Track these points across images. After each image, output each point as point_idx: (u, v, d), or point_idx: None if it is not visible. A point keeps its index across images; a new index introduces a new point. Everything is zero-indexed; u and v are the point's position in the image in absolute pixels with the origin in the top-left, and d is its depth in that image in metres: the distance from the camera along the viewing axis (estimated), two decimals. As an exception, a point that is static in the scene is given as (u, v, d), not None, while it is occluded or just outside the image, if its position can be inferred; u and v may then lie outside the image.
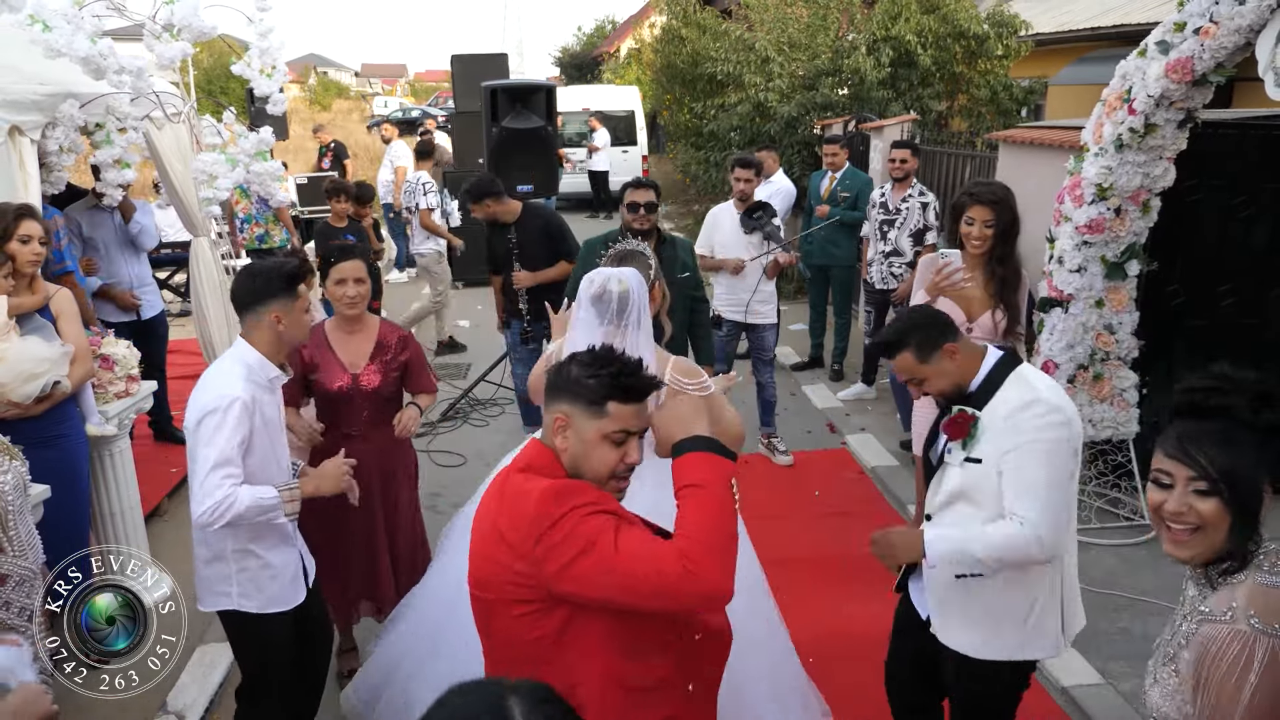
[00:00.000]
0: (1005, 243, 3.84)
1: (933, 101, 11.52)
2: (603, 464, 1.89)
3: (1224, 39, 3.77)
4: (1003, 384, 2.43)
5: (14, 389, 3.34)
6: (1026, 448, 2.32)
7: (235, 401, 2.65)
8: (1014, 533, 2.30)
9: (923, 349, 2.47)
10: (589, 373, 1.88)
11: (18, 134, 4.10)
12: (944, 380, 2.49)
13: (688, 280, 4.71)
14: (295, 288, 2.78)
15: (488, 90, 6.18)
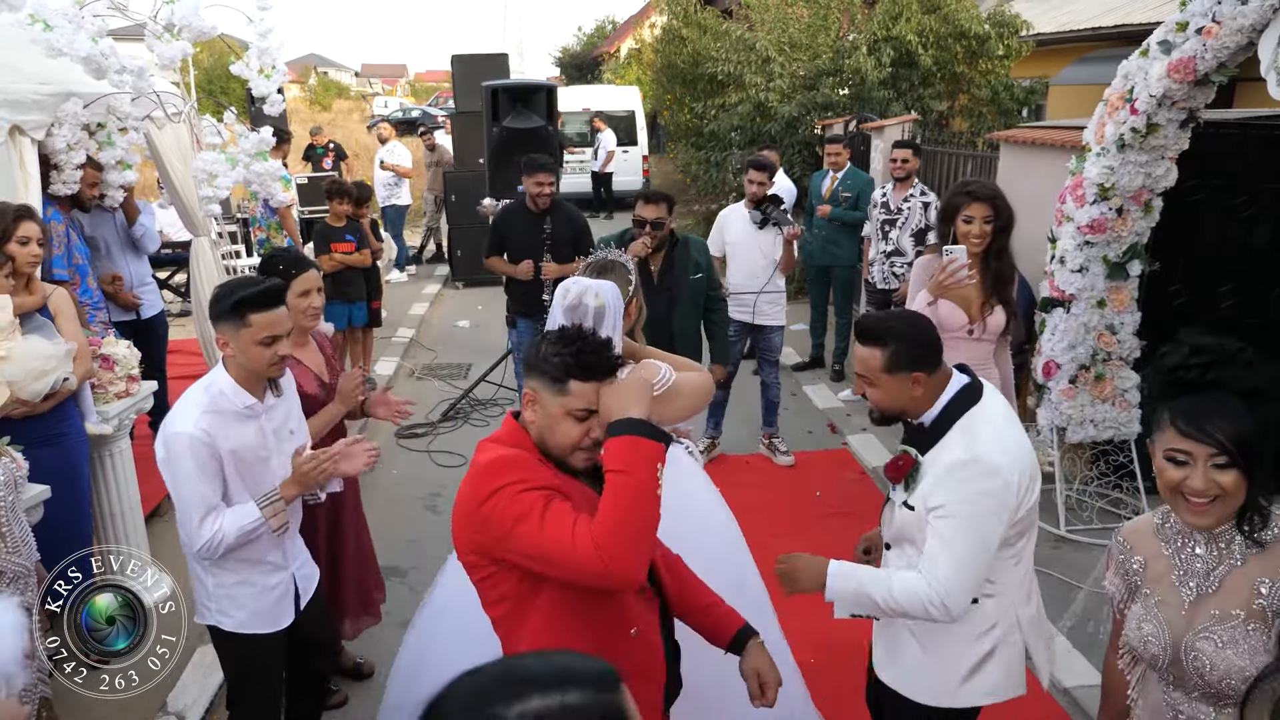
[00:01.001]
0: (1002, 239, 3.80)
1: (934, 101, 11.52)
2: (566, 438, 1.98)
3: (1226, 39, 3.77)
4: (951, 429, 2.27)
5: (24, 386, 3.35)
6: (952, 509, 2.19)
7: (182, 438, 2.54)
8: (919, 590, 2.19)
9: (894, 361, 2.27)
10: (554, 350, 1.96)
11: (18, 134, 4.10)
12: (889, 400, 2.32)
13: (701, 281, 4.68)
14: (241, 314, 2.55)
15: (488, 90, 6.18)
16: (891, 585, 2.24)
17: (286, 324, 2.65)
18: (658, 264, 4.57)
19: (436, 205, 12.36)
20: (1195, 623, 1.78)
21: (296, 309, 3.13)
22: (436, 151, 12.27)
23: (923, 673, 2.39)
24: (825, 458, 6.11)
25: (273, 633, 2.79)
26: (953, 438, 2.26)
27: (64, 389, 3.49)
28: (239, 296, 2.56)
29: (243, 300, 2.55)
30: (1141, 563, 1.91)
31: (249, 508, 2.60)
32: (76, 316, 3.80)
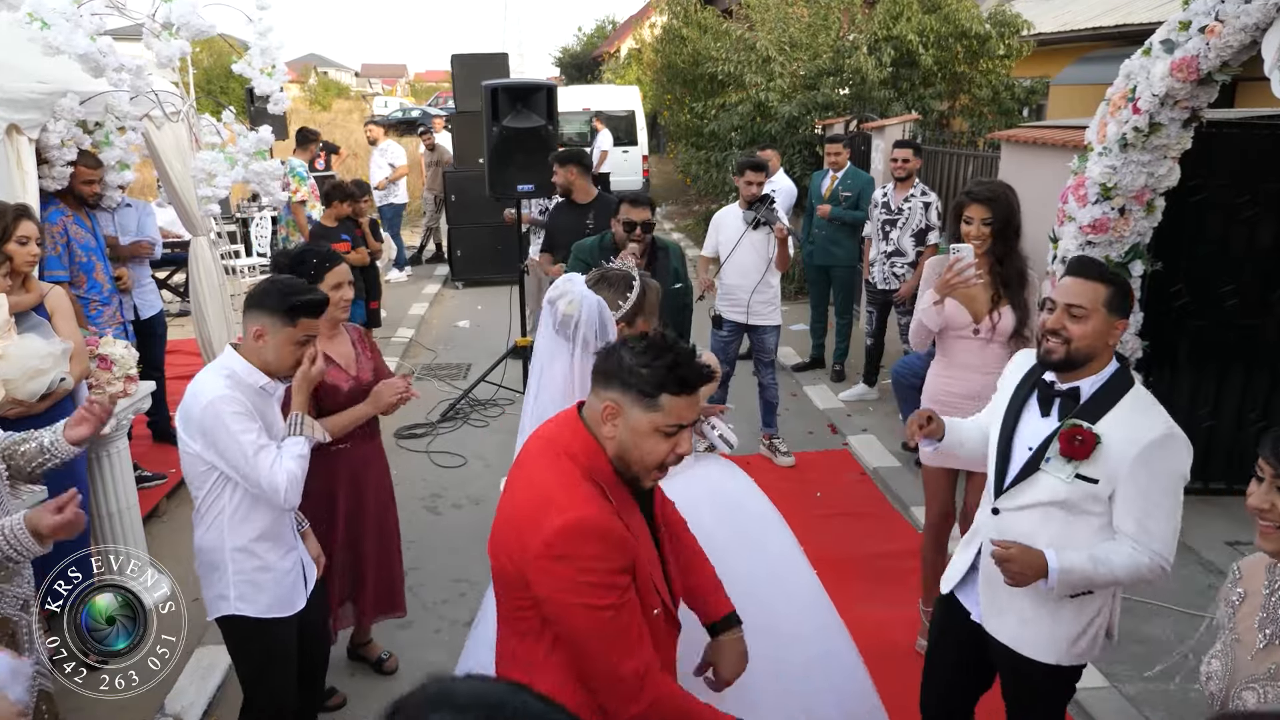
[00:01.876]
0: (1004, 240, 3.72)
1: (934, 101, 11.52)
2: (652, 456, 1.88)
3: (1230, 38, 3.75)
4: (1120, 400, 2.36)
5: (19, 386, 3.34)
6: (1161, 484, 2.32)
7: (213, 404, 2.61)
8: (1142, 562, 2.30)
9: (1115, 302, 2.36)
10: (643, 361, 1.85)
11: (15, 132, 4.09)
12: (1090, 338, 2.36)
13: (681, 290, 4.58)
14: (293, 318, 2.68)
15: (488, 90, 6.16)
16: (1112, 563, 2.31)
17: (319, 327, 2.82)
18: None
19: (436, 205, 12.35)
20: (1255, 670, 1.73)
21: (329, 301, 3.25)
22: (436, 151, 12.26)
23: (1043, 629, 2.51)
24: (826, 458, 6.10)
25: (289, 617, 2.86)
26: (1134, 414, 2.35)
27: (60, 389, 3.48)
28: (296, 301, 2.69)
29: (298, 306, 2.69)
30: (1241, 596, 1.88)
31: (290, 440, 2.73)
32: (74, 315, 3.79)
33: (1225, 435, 5.17)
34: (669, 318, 4.51)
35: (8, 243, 3.60)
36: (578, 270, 4.15)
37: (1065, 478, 2.38)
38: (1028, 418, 2.54)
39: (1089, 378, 2.41)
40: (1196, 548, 4.68)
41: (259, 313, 2.69)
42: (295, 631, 2.90)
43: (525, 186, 6.35)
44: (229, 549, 2.74)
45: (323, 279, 3.26)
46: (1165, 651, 3.88)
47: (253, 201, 10.49)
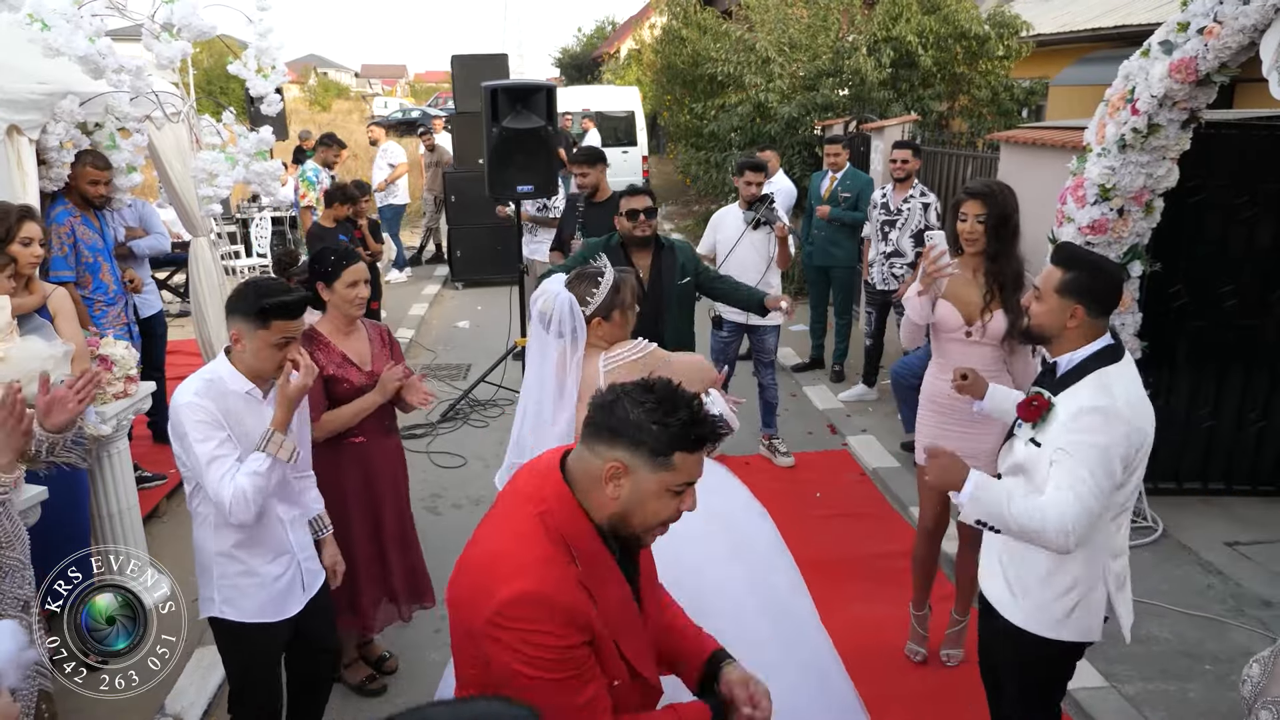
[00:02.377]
0: (999, 239, 3.60)
1: (934, 102, 11.53)
2: (657, 516, 1.77)
3: (1228, 39, 3.76)
4: (1085, 378, 2.48)
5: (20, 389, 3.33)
6: (1077, 447, 2.38)
7: (179, 409, 2.60)
8: (1048, 515, 2.36)
9: (1067, 286, 2.49)
10: (654, 418, 1.71)
11: (16, 133, 4.09)
12: (1044, 318, 2.54)
13: (689, 285, 4.61)
14: (265, 320, 2.61)
15: (488, 90, 6.17)
16: (1025, 504, 2.38)
17: (301, 328, 2.72)
18: (646, 272, 4.46)
19: (436, 206, 12.36)
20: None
21: (345, 299, 3.34)
22: (436, 152, 12.27)
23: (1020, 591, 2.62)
24: (825, 458, 6.11)
25: (278, 622, 2.80)
26: (1085, 386, 2.46)
27: None
28: (267, 304, 2.61)
29: (269, 308, 2.61)
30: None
31: (253, 455, 2.61)
32: (76, 317, 3.80)
33: (1225, 436, 5.18)
34: (676, 313, 4.56)
35: (11, 244, 3.60)
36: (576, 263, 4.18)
37: (1023, 442, 2.56)
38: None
39: (1065, 355, 2.55)
40: (1195, 548, 4.68)
41: (235, 317, 2.66)
42: (285, 636, 2.86)
43: (525, 187, 6.36)
44: (213, 553, 2.73)
45: (339, 276, 3.30)
46: (1164, 652, 3.89)
47: (253, 202, 10.50)
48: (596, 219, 5.82)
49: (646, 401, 1.71)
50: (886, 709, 3.56)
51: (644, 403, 1.71)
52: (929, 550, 3.91)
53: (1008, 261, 3.61)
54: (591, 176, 6.13)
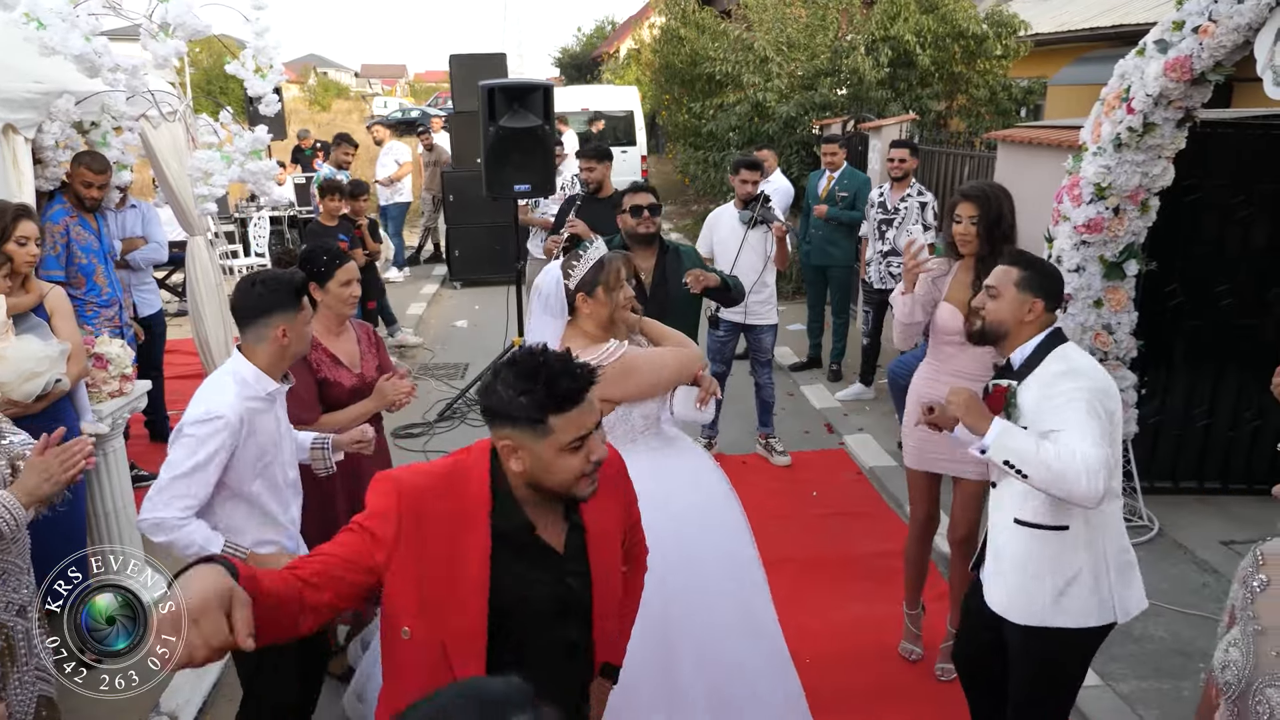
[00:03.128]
0: (991, 240, 3.61)
1: (931, 101, 11.53)
2: (568, 473, 1.83)
3: (1223, 38, 3.76)
4: (1043, 361, 2.60)
5: (15, 388, 3.34)
6: (1065, 405, 2.47)
7: (219, 421, 2.61)
8: (1074, 456, 2.38)
9: (1026, 282, 2.64)
10: (519, 389, 1.77)
11: (12, 132, 4.10)
12: (1003, 313, 2.65)
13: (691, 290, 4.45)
14: (301, 299, 2.74)
15: (484, 90, 6.17)
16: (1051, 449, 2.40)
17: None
18: (649, 275, 4.35)
19: (434, 205, 12.36)
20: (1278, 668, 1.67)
21: (338, 298, 3.36)
22: (434, 151, 12.27)
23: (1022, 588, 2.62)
24: (822, 458, 6.11)
25: None
26: (1048, 365, 2.59)
27: (56, 390, 3.48)
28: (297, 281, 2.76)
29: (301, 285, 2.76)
30: (1263, 583, 1.78)
31: (211, 532, 2.64)
32: (73, 315, 3.80)
33: (1220, 435, 5.18)
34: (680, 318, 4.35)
35: (7, 243, 3.60)
36: None
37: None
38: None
39: (1017, 350, 2.67)
40: (1191, 547, 4.69)
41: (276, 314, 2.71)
42: None
43: (522, 186, 6.35)
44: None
45: (333, 276, 3.32)
46: (1158, 650, 3.90)
47: (251, 202, 10.51)
48: (596, 215, 5.81)
49: (510, 378, 1.79)
50: (883, 708, 3.58)
51: (509, 380, 1.79)
52: (920, 549, 3.92)
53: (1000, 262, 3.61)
54: (598, 172, 6.14)
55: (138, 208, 5.88)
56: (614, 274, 2.95)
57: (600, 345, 2.94)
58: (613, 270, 2.95)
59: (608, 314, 2.96)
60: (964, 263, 3.70)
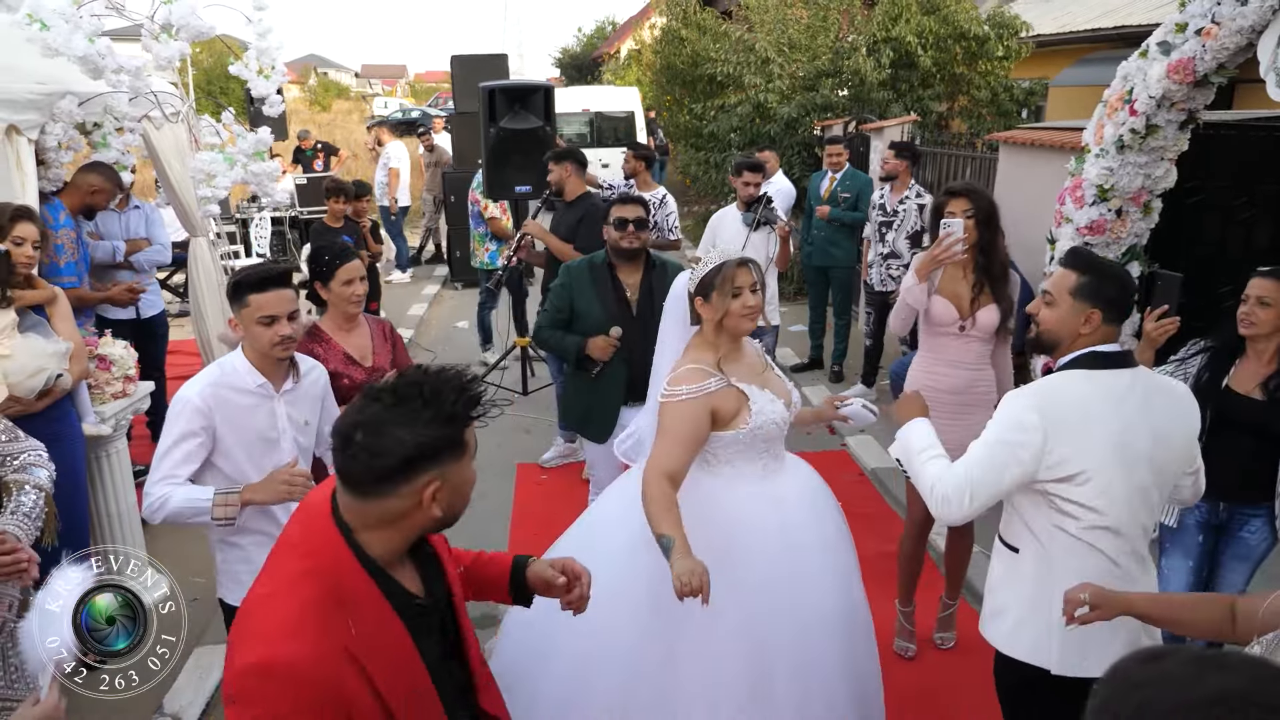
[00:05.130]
0: (989, 230, 3.76)
1: (933, 103, 11.52)
2: (471, 486, 1.68)
3: (1226, 40, 3.76)
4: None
5: (18, 384, 3.35)
6: (984, 434, 2.44)
7: (180, 401, 2.75)
8: (938, 476, 2.43)
9: (1082, 289, 2.40)
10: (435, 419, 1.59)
11: (15, 133, 4.10)
12: (1057, 324, 2.44)
13: None
14: (243, 295, 2.74)
15: (485, 91, 6.18)
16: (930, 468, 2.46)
17: (286, 306, 2.76)
18: (635, 292, 4.13)
19: (435, 206, 12.36)
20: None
21: (342, 297, 3.38)
22: (435, 152, 12.28)
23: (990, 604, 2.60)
24: (824, 459, 6.10)
25: None
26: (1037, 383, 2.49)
27: (58, 386, 3.49)
28: (237, 279, 2.79)
29: (240, 282, 2.75)
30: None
31: (207, 490, 2.72)
32: (72, 316, 3.80)
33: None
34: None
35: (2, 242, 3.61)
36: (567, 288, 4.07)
37: None
38: None
39: (1061, 359, 2.51)
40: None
41: (231, 304, 2.81)
42: None
43: (523, 188, 6.36)
44: (214, 539, 2.90)
45: (334, 275, 3.36)
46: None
47: (252, 202, 10.51)
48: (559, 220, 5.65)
49: (413, 415, 1.57)
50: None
51: (414, 419, 1.57)
52: (916, 547, 3.99)
53: (995, 254, 3.77)
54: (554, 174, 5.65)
55: (141, 209, 5.87)
56: (728, 278, 2.79)
57: (702, 380, 2.74)
58: (728, 274, 2.79)
59: (717, 319, 2.83)
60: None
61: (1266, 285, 3.21)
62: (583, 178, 5.74)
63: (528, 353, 7.33)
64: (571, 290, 4.10)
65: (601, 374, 4.06)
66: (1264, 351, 3.24)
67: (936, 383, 3.85)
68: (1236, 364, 3.33)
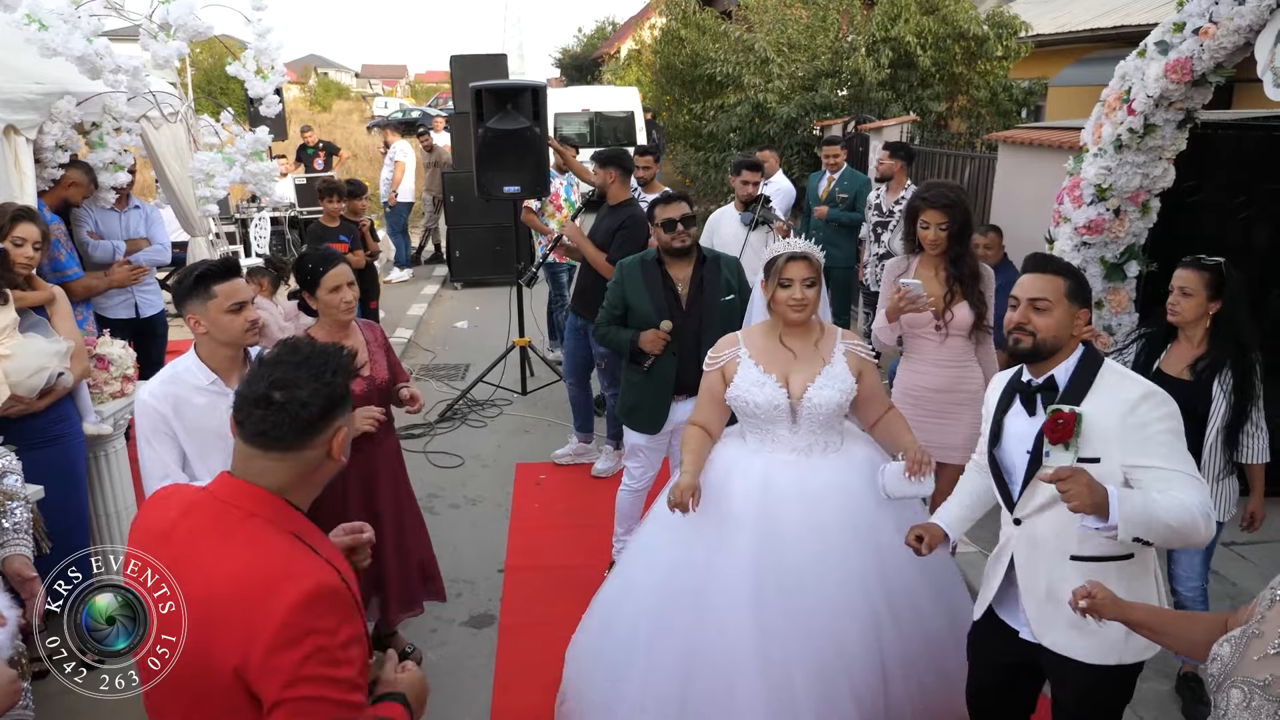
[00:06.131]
0: (960, 243, 3.94)
1: (932, 103, 11.52)
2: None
3: (1223, 39, 3.77)
4: (1095, 381, 2.40)
5: (20, 383, 3.36)
6: (1160, 436, 2.31)
7: (138, 404, 2.81)
8: (1193, 503, 2.23)
9: (1076, 293, 2.44)
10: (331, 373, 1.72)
11: (13, 133, 4.10)
12: (1055, 329, 2.42)
13: (734, 302, 4.06)
14: (208, 286, 2.75)
15: (474, 91, 6.18)
16: (1168, 504, 2.22)
17: (247, 292, 2.84)
18: (685, 286, 4.16)
19: (435, 206, 12.38)
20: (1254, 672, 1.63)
21: (330, 304, 3.35)
22: (435, 152, 12.29)
23: (1093, 630, 2.38)
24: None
25: None
26: (1109, 390, 2.38)
27: (59, 385, 3.50)
28: (199, 271, 2.79)
29: (204, 274, 2.77)
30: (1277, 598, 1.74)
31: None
32: (72, 315, 3.81)
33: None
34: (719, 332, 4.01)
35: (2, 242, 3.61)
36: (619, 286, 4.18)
37: (1070, 464, 2.31)
38: (1015, 424, 2.55)
39: (1059, 365, 2.46)
40: (1192, 548, 4.69)
41: (185, 305, 2.80)
42: None
43: (511, 188, 6.35)
44: None
45: (319, 284, 3.31)
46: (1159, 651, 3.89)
47: (252, 202, 10.52)
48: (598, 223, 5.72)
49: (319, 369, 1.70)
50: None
51: (319, 373, 1.70)
52: None
53: (964, 260, 3.95)
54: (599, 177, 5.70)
55: (141, 208, 5.87)
56: (779, 269, 3.12)
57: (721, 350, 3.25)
58: (780, 265, 3.12)
59: (768, 301, 3.17)
60: (924, 259, 4.01)
61: (1187, 276, 3.37)
62: (627, 183, 5.69)
63: (527, 353, 7.34)
64: (624, 287, 4.18)
65: (653, 367, 4.12)
66: (1193, 336, 3.41)
67: (919, 381, 4.03)
68: (1169, 349, 3.48)
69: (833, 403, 3.07)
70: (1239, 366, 3.30)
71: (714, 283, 4.15)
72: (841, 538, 2.95)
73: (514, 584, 4.59)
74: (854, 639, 2.90)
